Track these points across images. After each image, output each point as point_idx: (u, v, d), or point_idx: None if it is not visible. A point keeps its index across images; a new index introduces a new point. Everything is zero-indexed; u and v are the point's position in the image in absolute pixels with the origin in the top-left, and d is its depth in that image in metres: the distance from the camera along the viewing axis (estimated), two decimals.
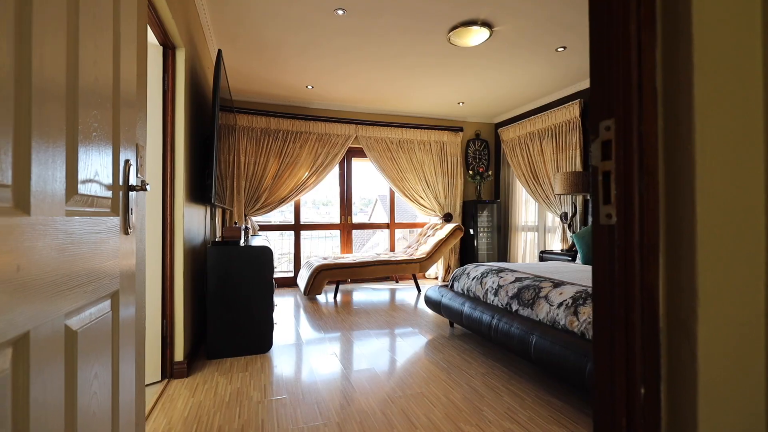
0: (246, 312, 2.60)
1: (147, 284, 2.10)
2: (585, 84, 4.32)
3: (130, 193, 0.94)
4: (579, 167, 4.32)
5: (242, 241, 2.97)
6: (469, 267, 3.09)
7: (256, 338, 2.63)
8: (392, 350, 2.73)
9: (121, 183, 0.90)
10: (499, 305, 2.50)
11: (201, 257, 2.90)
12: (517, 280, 2.50)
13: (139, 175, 1.34)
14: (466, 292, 2.93)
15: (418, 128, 5.55)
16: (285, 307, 4.06)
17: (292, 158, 4.97)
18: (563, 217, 4.50)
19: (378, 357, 2.60)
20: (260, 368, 2.40)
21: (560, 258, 4.07)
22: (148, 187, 0.97)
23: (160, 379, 2.16)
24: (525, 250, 5.43)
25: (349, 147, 5.38)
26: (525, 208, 5.50)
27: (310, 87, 4.50)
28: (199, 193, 2.83)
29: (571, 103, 4.41)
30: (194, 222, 2.66)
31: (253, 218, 4.97)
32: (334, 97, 4.90)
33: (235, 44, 3.39)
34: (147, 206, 2.11)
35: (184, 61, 2.29)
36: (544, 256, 4.32)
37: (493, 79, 4.21)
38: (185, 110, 2.34)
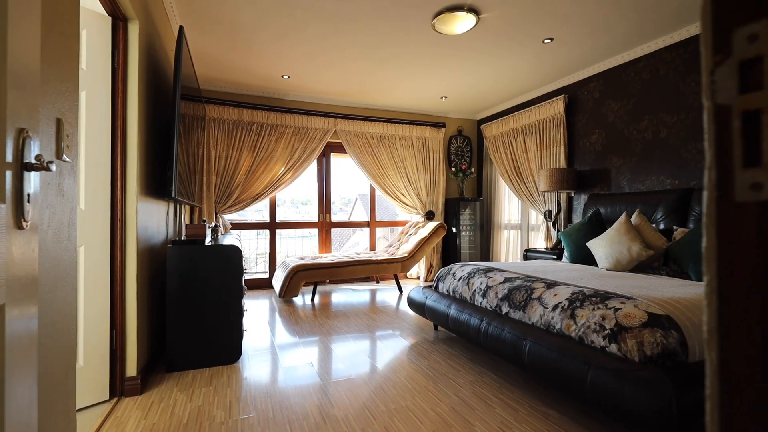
0: (211, 318, 2.34)
1: (92, 290, 1.83)
2: (570, 79, 4.24)
3: (27, 174, 0.70)
4: (563, 164, 4.23)
5: (208, 240, 2.71)
6: (455, 267, 2.93)
7: (223, 347, 2.38)
8: (373, 357, 2.53)
9: (9, 158, 0.66)
10: (488, 307, 2.34)
11: (161, 258, 2.62)
12: (507, 280, 2.34)
13: (65, 157, 1.09)
14: (451, 293, 2.76)
15: (399, 123, 5.37)
16: (259, 310, 3.80)
17: (267, 153, 4.69)
18: (547, 214, 4.41)
19: (358, 365, 2.39)
20: (226, 381, 2.15)
21: (545, 257, 3.97)
22: (53, 166, 0.73)
23: (108, 398, 1.89)
24: (508, 248, 5.33)
25: (328, 142, 5.15)
26: (508, 205, 5.41)
27: (286, 77, 4.24)
28: (159, 186, 2.55)
29: (555, 98, 4.32)
30: (152, 219, 2.38)
31: (225, 216, 4.67)
32: (313, 89, 4.65)
33: (203, 25, 3.11)
34: (92, 199, 1.84)
35: (138, 36, 2.02)
36: (529, 254, 4.21)
37: (478, 71, 4.07)
38: (140, 92, 2.06)
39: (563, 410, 1.82)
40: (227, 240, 2.92)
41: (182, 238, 2.90)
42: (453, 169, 5.67)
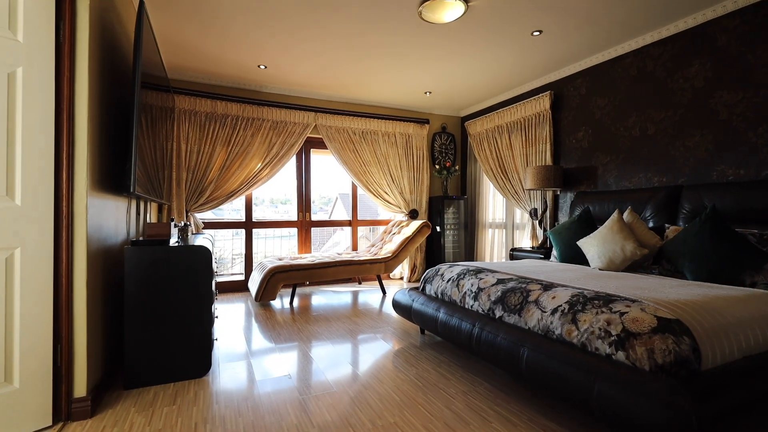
0: (176, 328, 2.10)
1: (30, 299, 1.57)
2: (556, 75, 4.17)
3: None
4: (549, 162, 4.15)
5: (174, 240, 2.46)
6: (443, 267, 2.78)
7: (190, 359, 2.14)
8: (357, 366, 2.35)
9: None
10: (480, 311, 2.19)
11: (119, 262, 2.36)
12: (500, 282, 2.20)
13: None
14: (440, 295, 2.60)
15: (382, 119, 5.19)
16: (233, 315, 3.55)
17: (243, 147, 4.43)
18: (533, 213, 4.33)
19: (341, 376, 2.20)
20: (193, 398, 1.93)
21: (532, 256, 3.88)
22: None
23: (51, 423, 1.63)
24: (493, 247, 5.24)
25: (308, 137, 4.92)
26: (493, 204, 5.32)
27: (263, 67, 3.99)
28: (117, 181, 2.29)
29: (541, 95, 4.24)
30: (109, 217, 2.12)
31: (198, 215, 4.39)
32: (291, 81, 4.42)
33: (171, 8, 2.84)
34: (30, 193, 1.58)
35: (88, 9, 1.77)
36: (515, 254, 4.12)
37: (464, 65, 3.93)
38: (92, 71, 1.81)
39: (564, 423, 1.69)
40: (198, 240, 2.68)
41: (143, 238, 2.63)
42: (437, 166, 5.54)
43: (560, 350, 1.61)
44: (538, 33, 3.25)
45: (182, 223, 3.29)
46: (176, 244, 2.19)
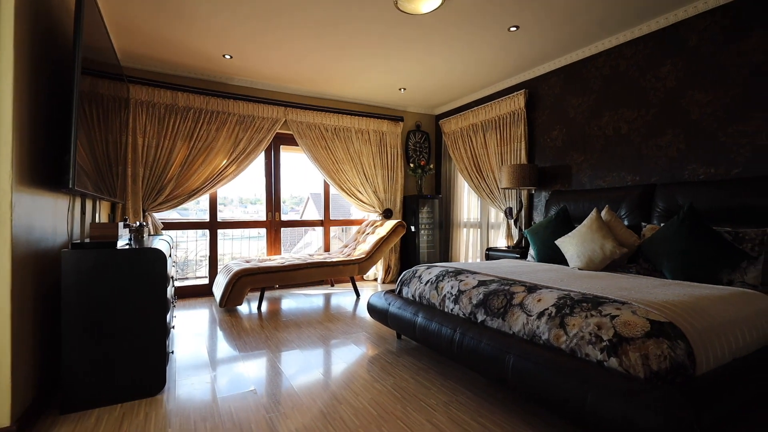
0: (124, 340, 1.86)
1: None
2: (531, 74, 4.15)
3: None
4: (524, 160, 4.13)
5: (124, 242, 2.20)
6: (420, 269, 2.65)
7: (140, 376, 1.90)
8: (330, 375, 2.18)
9: None
10: (461, 315, 2.08)
11: (56, 268, 2.08)
12: (481, 284, 2.10)
13: None
14: (418, 299, 2.47)
15: (356, 115, 5.03)
16: (195, 322, 3.28)
17: (207, 143, 4.15)
18: (508, 212, 4.30)
19: (313, 388, 2.03)
20: (143, 422, 1.70)
21: (508, 255, 3.84)
22: None
23: None
24: (468, 247, 5.19)
25: (278, 133, 4.68)
26: (468, 203, 5.27)
27: (228, 57, 3.74)
28: (54, 176, 2.01)
29: (515, 93, 4.21)
30: (43, 217, 1.85)
31: (157, 215, 4.06)
32: (260, 73, 4.18)
33: None
34: None
35: None
36: (491, 253, 4.06)
37: (440, 59, 3.83)
38: (18, 47, 1.55)
39: None
40: (155, 243, 2.42)
41: (86, 240, 2.35)
42: (411, 165, 5.43)
43: (549, 357, 1.51)
44: (515, 28, 3.19)
45: (137, 223, 3.01)
46: (126, 247, 1.95)
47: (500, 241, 4.57)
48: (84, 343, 1.79)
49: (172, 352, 2.34)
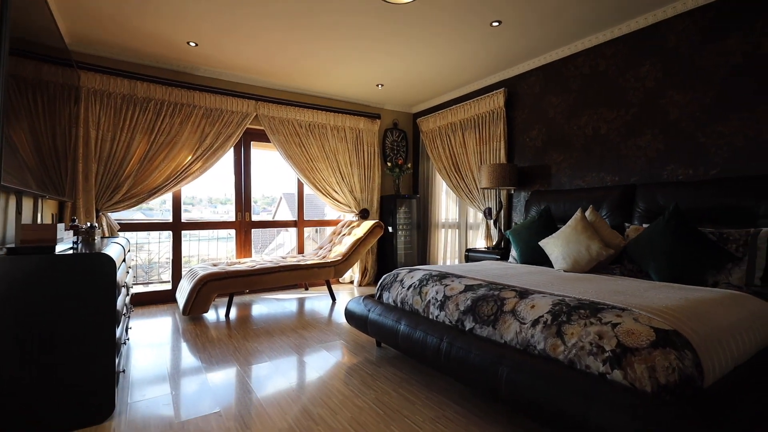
0: (62, 361, 1.61)
1: None
2: (510, 72, 4.09)
3: None
4: (503, 160, 4.07)
5: (67, 246, 1.93)
6: (402, 272, 2.50)
7: (83, 402, 1.65)
8: (305, 391, 1.99)
9: None
10: (448, 322, 1.94)
11: None
12: (469, 288, 1.97)
13: None
14: (400, 304, 2.32)
15: (331, 111, 4.83)
16: (156, 333, 2.99)
17: (170, 137, 3.84)
18: (487, 212, 4.23)
19: (286, 407, 1.84)
20: None
21: (489, 257, 3.75)
22: None
23: None
24: (446, 248, 5.10)
25: (248, 128, 4.42)
26: (446, 203, 5.18)
27: (193, 44, 3.46)
28: None
29: (495, 92, 4.15)
30: None
31: (112, 215, 3.72)
32: (228, 63, 3.91)
33: None
34: None
35: None
36: (471, 254, 3.98)
37: (419, 54, 3.70)
38: None
39: None
40: (107, 246, 2.16)
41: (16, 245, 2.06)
42: (389, 164, 5.28)
43: (546, 369, 1.39)
44: (497, 23, 3.10)
45: (88, 224, 2.70)
46: (68, 252, 1.69)
47: (479, 242, 4.50)
48: (14, 364, 1.52)
49: (123, 371, 2.08)
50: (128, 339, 2.49)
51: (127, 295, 2.50)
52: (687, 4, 2.77)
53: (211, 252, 7.15)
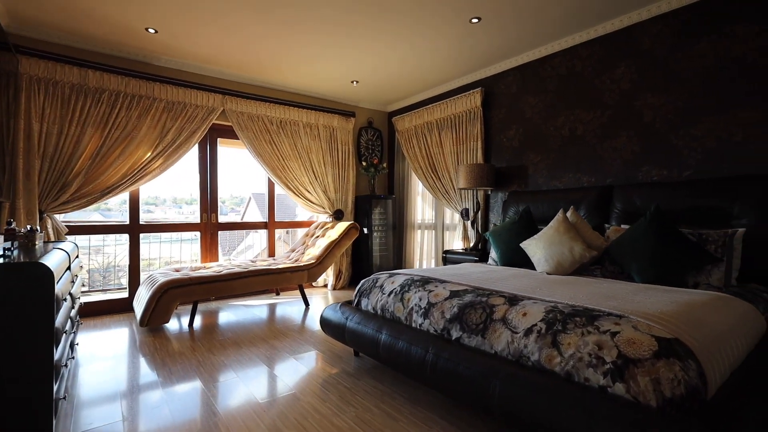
0: None
1: None
2: (487, 72, 4.05)
3: None
4: (480, 160, 4.02)
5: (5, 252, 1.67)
6: (382, 277, 2.36)
7: None
8: (278, 412, 1.82)
9: None
10: (433, 331, 1.82)
11: None
12: (454, 294, 1.86)
13: None
14: (380, 312, 2.19)
15: (304, 108, 4.63)
16: (109, 347, 2.71)
17: (126, 131, 3.52)
18: (464, 213, 4.17)
19: (255, 429, 1.65)
20: None
21: (467, 258, 3.69)
22: None
23: None
24: (423, 249, 5.01)
25: (214, 124, 4.15)
26: (422, 204, 5.09)
27: (152, 31, 3.18)
28: None
29: (471, 91, 4.10)
30: None
31: (58, 216, 3.37)
32: (193, 54, 3.64)
33: None
34: None
35: None
36: (449, 256, 3.90)
37: (396, 50, 3.58)
38: None
39: None
40: (49, 253, 1.89)
41: None
42: (364, 163, 5.14)
43: (542, 382, 1.30)
44: (476, 20, 3.03)
45: (27, 228, 2.40)
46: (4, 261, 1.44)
47: (456, 243, 4.43)
48: None
49: (64, 397, 1.83)
50: (73, 358, 2.21)
51: (73, 307, 2.22)
52: (661, 8, 2.79)
53: (174, 254, 6.73)
